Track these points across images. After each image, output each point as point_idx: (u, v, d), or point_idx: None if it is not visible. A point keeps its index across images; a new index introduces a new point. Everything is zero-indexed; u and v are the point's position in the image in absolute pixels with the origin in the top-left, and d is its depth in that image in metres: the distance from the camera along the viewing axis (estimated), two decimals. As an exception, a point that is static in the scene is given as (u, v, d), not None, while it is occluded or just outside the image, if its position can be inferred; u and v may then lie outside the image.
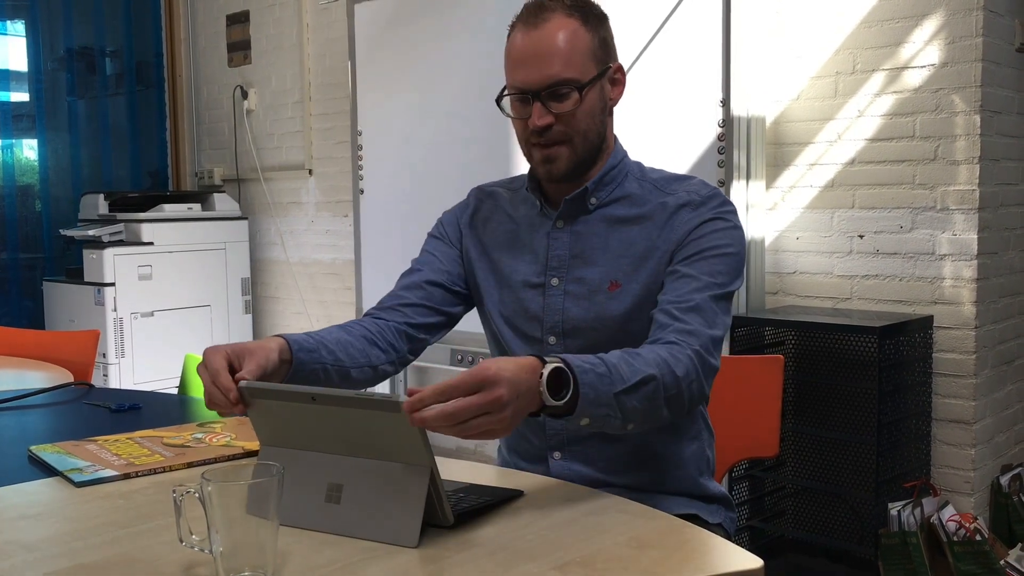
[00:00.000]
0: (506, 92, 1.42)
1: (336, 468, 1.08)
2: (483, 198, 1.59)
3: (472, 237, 1.56)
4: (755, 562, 0.99)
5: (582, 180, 1.46)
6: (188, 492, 0.96)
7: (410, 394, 1.01)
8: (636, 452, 1.44)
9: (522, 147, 1.46)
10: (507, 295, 1.50)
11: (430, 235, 1.61)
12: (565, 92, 1.37)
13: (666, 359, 1.25)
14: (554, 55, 1.37)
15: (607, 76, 1.43)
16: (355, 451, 1.07)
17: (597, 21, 1.42)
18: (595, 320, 1.42)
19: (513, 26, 1.44)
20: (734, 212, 1.44)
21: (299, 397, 1.07)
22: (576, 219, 1.47)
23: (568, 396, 1.13)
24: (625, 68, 1.48)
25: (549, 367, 1.11)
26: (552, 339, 1.45)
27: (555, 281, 1.45)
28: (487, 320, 1.55)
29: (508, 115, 1.44)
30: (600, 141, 1.44)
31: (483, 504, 1.12)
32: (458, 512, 1.07)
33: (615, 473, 1.44)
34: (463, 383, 1.02)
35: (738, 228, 1.43)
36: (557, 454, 1.46)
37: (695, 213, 1.41)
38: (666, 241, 1.41)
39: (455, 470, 1.28)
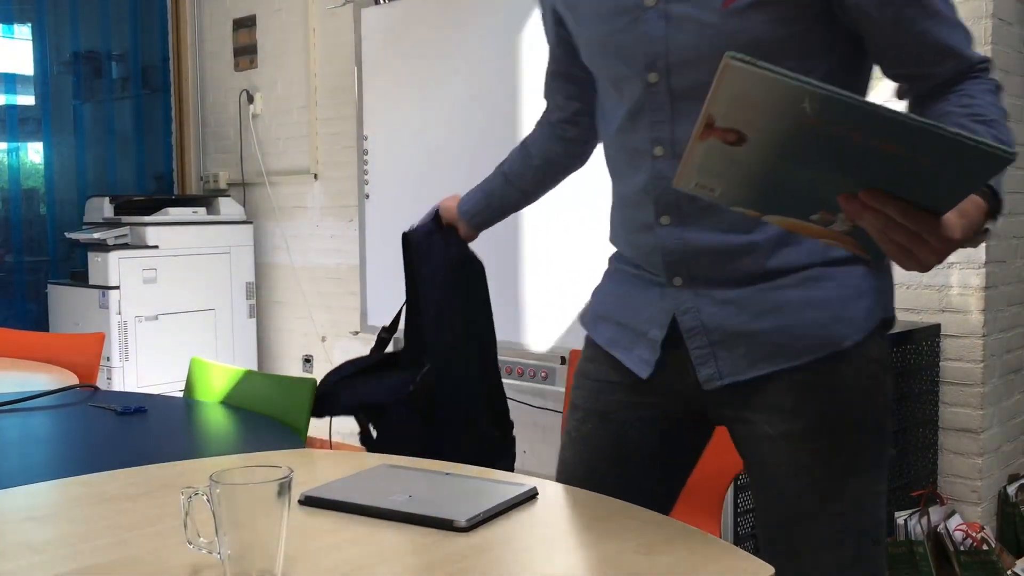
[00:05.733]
0: None
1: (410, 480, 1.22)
2: None
3: None
4: (766, 569, 0.98)
5: None
6: (196, 494, 0.95)
7: None
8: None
9: None
10: (595, 30, 1.27)
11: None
12: None
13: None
14: None
15: None
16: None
17: None
18: (707, 48, 1.15)
19: None
20: None
21: (361, 510, 1.11)
22: None
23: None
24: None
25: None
26: (652, 76, 1.20)
27: (650, 1, 1.18)
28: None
29: None
30: None
31: (499, 511, 1.12)
32: (474, 523, 1.07)
33: (739, 232, 1.21)
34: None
35: None
36: (665, 218, 1.25)
37: None
38: None
39: (463, 469, 1.28)
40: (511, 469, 1.74)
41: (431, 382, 1.68)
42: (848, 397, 1.22)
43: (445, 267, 1.68)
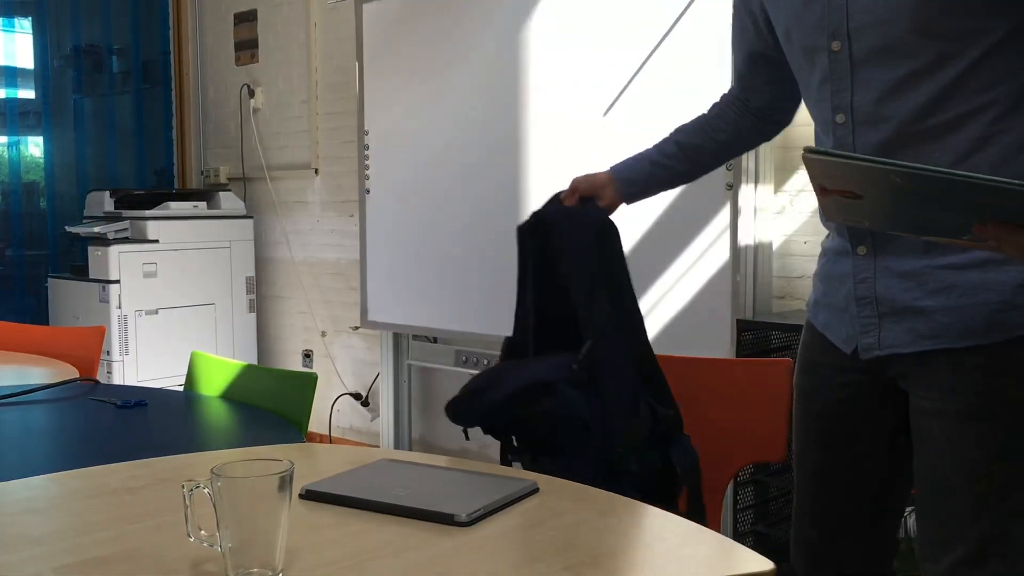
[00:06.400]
0: None
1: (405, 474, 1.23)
2: None
3: None
4: (766, 564, 0.98)
5: None
6: (197, 487, 0.95)
7: None
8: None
9: None
10: (786, 5, 1.33)
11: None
12: None
13: None
14: None
15: None
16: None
17: None
18: (882, 11, 1.19)
19: None
20: None
21: (362, 504, 1.11)
22: None
23: None
24: (635, 70, 1.45)
25: None
26: (836, 44, 1.25)
27: None
28: None
29: None
30: None
31: (500, 506, 1.12)
32: (475, 518, 1.07)
33: (933, 254, 1.22)
34: None
35: None
36: (862, 248, 1.29)
37: None
38: None
39: (463, 464, 1.28)
40: (694, 464, 1.59)
41: (593, 358, 1.53)
42: (1012, 382, 1.20)
43: (591, 235, 1.59)
